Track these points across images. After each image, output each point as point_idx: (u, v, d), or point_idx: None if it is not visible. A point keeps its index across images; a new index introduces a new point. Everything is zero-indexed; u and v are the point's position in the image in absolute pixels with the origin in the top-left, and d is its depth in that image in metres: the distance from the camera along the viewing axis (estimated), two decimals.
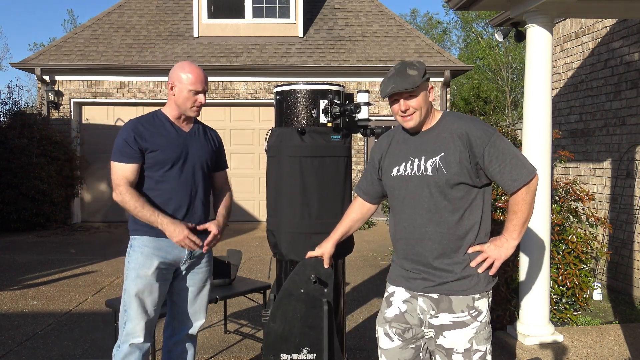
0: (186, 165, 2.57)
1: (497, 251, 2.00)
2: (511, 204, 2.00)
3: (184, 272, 2.66)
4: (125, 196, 2.46)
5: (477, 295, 2.01)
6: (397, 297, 2.14)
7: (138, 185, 2.53)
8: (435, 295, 2.04)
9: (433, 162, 2.00)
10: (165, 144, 2.53)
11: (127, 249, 2.60)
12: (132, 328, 2.51)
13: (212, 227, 2.62)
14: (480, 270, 2.01)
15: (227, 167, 2.89)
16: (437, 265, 2.02)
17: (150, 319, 2.55)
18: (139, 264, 2.51)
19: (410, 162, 2.06)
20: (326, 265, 2.34)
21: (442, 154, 1.99)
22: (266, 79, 10.76)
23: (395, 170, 2.11)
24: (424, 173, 2.01)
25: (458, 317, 2.01)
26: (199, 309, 2.74)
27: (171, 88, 2.56)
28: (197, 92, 2.53)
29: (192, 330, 2.75)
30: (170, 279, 2.63)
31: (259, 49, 10.94)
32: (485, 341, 2.04)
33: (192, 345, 2.77)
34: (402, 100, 2.01)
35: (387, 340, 2.16)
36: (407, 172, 2.06)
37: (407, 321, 2.11)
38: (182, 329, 2.73)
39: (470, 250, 2.01)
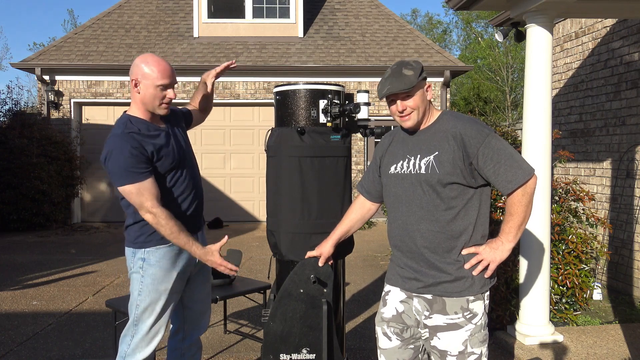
0: (186, 164, 2.46)
1: (492, 254, 1.98)
2: (508, 205, 1.99)
3: (194, 274, 2.57)
4: (160, 219, 2.23)
5: (471, 297, 2.00)
6: (393, 296, 2.14)
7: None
8: (429, 296, 2.03)
9: (427, 160, 2.01)
10: (163, 147, 2.34)
11: (135, 262, 2.38)
12: (141, 341, 2.41)
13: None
14: (474, 273, 1.99)
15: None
16: (429, 263, 2.01)
17: (161, 334, 2.45)
18: (158, 279, 2.36)
19: (407, 160, 2.07)
20: (321, 264, 2.34)
21: (437, 153, 1.99)
22: (266, 79, 10.76)
23: (392, 168, 2.12)
24: (418, 171, 2.02)
25: (452, 318, 1.99)
26: (207, 306, 2.70)
27: (135, 85, 2.29)
28: (165, 87, 2.30)
29: (203, 329, 2.69)
30: (183, 287, 2.52)
31: (259, 49, 10.94)
32: (481, 344, 2.02)
33: (200, 345, 2.75)
34: (399, 101, 2.02)
35: (385, 340, 2.16)
36: (403, 170, 2.08)
37: (404, 321, 2.11)
38: (194, 331, 2.66)
39: (464, 252, 2.00)
